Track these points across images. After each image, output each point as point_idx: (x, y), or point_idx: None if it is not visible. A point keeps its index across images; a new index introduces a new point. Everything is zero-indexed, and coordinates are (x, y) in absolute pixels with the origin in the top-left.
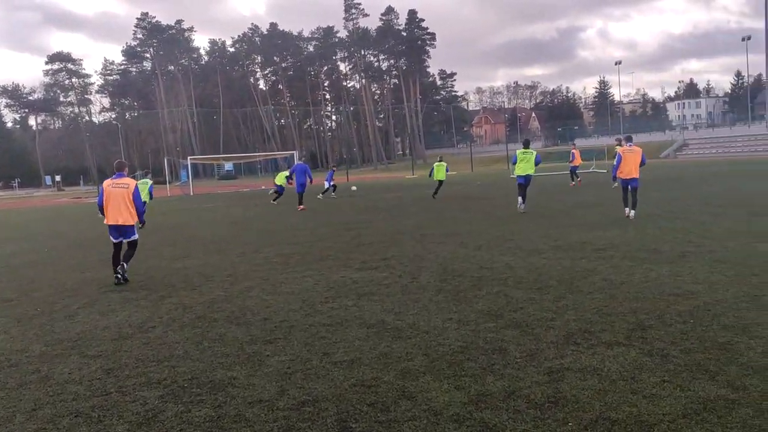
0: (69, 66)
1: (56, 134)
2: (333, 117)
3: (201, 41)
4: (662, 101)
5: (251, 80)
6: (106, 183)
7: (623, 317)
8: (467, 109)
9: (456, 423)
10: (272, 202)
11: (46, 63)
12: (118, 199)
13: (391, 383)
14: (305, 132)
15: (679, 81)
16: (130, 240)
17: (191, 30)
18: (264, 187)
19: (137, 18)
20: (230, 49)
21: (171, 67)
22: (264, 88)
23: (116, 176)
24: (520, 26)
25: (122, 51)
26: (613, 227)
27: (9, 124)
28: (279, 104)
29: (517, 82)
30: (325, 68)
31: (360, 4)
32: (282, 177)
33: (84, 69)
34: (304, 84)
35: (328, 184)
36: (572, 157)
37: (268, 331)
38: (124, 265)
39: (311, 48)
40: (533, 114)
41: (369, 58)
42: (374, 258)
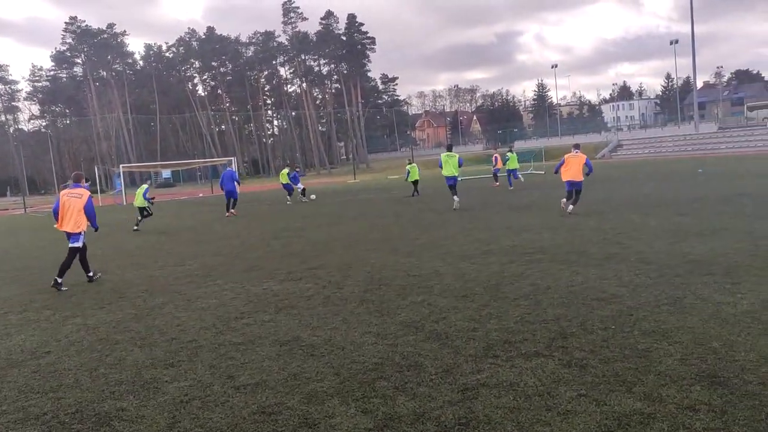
0: None
1: None
2: (275, 122)
3: (136, 46)
4: (598, 103)
5: (189, 85)
6: (63, 192)
7: (545, 325)
8: (409, 113)
9: None
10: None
11: None
12: (72, 209)
13: (294, 409)
14: (246, 137)
15: (613, 83)
16: (72, 246)
17: (124, 34)
18: (202, 195)
19: (65, 22)
20: (167, 54)
21: (103, 73)
22: (203, 94)
23: (73, 186)
24: (460, 31)
25: (51, 56)
26: (545, 230)
27: None
28: (219, 110)
29: (458, 86)
30: (266, 73)
31: (299, 8)
32: (284, 175)
33: (11, 75)
34: (244, 89)
35: (298, 186)
36: (495, 161)
37: (173, 353)
38: (58, 280)
39: (250, 52)
40: (474, 117)
41: (309, 63)
42: (300, 268)
